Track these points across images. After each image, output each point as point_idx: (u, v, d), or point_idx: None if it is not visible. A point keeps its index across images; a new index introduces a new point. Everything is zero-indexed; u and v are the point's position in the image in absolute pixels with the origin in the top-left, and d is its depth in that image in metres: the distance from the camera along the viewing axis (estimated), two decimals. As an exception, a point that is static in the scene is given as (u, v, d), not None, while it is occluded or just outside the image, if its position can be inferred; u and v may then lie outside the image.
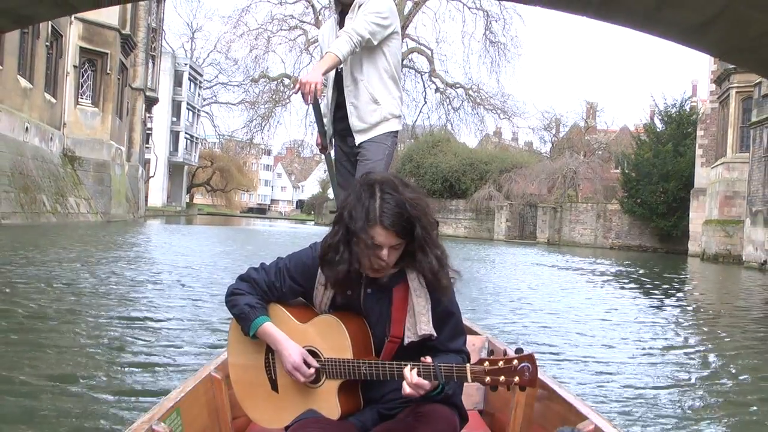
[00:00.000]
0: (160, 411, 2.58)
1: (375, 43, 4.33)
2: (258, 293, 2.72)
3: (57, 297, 9.58)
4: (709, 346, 8.80)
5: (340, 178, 4.70)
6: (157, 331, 7.60)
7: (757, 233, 28.08)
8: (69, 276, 11.94)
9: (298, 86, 4.08)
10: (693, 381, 6.79)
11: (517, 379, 2.33)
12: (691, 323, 11.21)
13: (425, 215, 2.52)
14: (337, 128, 4.61)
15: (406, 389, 2.43)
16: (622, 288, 16.98)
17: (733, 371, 7.30)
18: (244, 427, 3.23)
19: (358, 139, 4.48)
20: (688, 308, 13.43)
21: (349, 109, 4.45)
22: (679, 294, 16.13)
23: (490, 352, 3.79)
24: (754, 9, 7.81)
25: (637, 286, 17.77)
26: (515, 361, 2.34)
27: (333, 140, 4.69)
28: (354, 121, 4.46)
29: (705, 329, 10.45)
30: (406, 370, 2.45)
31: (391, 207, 2.47)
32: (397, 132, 4.60)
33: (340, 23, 4.49)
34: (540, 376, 2.89)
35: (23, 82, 29.35)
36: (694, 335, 9.75)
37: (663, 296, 14.88)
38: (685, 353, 8.20)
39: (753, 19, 8.11)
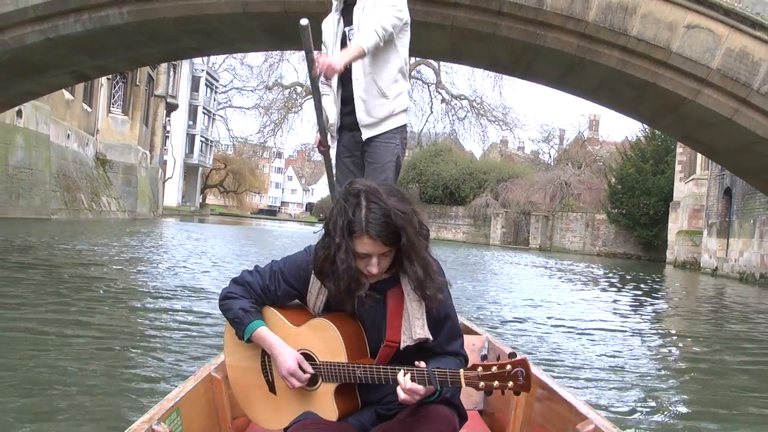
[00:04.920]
0: (160, 411, 2.58)
1: (394, 37, 4.33)
2: (252, 297, 2.70)
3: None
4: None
5: (338, 173, 4.65)
6: (157, 331, 7.68)
7: (711, 243, 31.52)
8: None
9: (320, 66, 4.06)
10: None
11: (510, 384, 2.32)
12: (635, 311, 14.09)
13: (411, 224, 2.49)
14: (344, 123, 4.52)
15: (401, 395, 2.42)
16: (574, 283, 20.44)
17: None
18: (244, 427, 3.24)
19: (366, 133, 4.43)
20: (625, 301, 16.86)
21: (357, 102, 4.39)
22: (629, 292, 19.61)
23: (485, 357, 3.80)
24: (621, 84, 11.39)
25: (594, 284, 21.25)
26: (508, 366, 2.33)
27: (336, 136, 4.65)
28: (362, 116, 4.39)
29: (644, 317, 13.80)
30: (400, 376, 2.44)
31: (377, 216, 2.44)
32: (404, 129, 4.57)
33: (343, 17, 4.48)
34: (540, 376, 3.06)
35: (66, 95, 33.26)
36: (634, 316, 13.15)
37: (615, 291, 18.49)
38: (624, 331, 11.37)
39: (623, 89, 11.68)
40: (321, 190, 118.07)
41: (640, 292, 18.39)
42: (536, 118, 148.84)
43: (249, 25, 11.70)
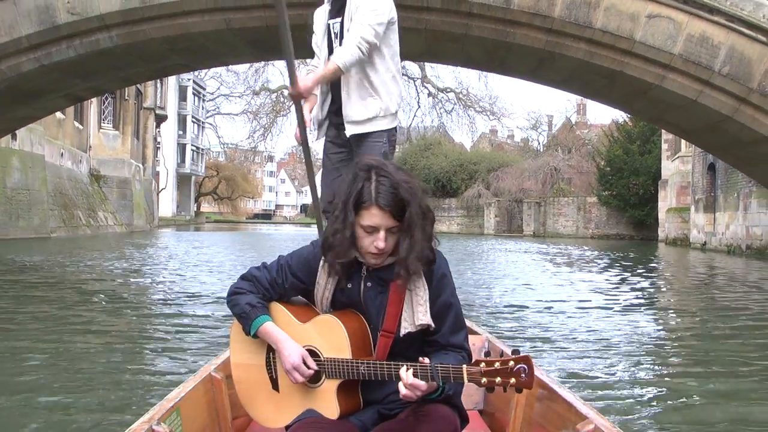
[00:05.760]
0: (160, 411, 2.59)
1: (379, 41, 4.34)
2: (260, 292, 2.72)
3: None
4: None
5: (324, 170, 4.69)
6: (157, 333, 7.77)
7: (699, 218, 32.18)
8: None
9: (291, 91, 4.21)
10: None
11: (513, 380, 2.31)
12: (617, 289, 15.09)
13: (414, 199, 2.52)
14: (332, 120, 4.53)
15: (403, 390, 2.42)
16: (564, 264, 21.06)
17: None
18: (244, 427, 3.25)
19: (350, 130, 4.42)
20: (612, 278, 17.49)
21: (344, 99, 4.39)
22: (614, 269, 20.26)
23: (488, 354, 3.62)
24: (590, 74, 11.95)
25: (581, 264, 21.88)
26: (511, 363, 2.32)
27: (314, 129, 4.65)
28: (348, 112, 4.39)
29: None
30: (402, 371, 2.43)
31: (387, 188, 2.48)
32: (392, 130, 4.54)
33: (332, 6, 4.50)
34: (540, 375, 3.02)
35: (58, 114, 33.71)
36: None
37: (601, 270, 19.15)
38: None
39: (593, 79, 12.26)
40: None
41: (629, 272, 18.95)
42: (523, 106, 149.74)
43: (233, 41, 12.26)
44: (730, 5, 10.91)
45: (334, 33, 4.45)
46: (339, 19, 4.45)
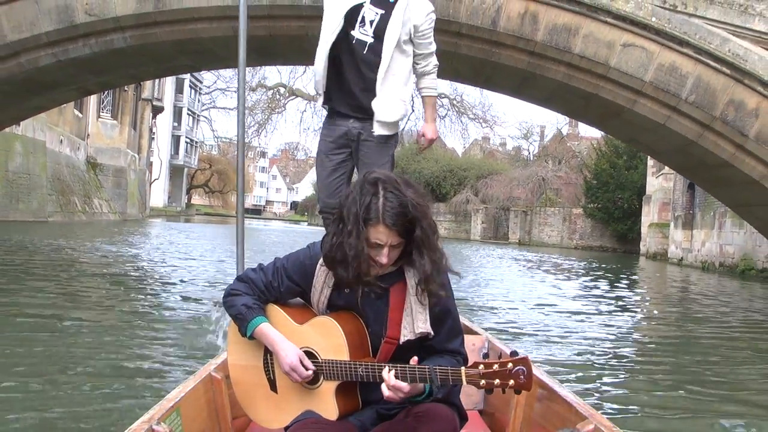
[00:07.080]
0: (160, 411, 2.59)
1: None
2: (255, 294, 2.70)
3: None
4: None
5: (321, 170, 4.67)
6: (158, 330, 7.72)
7: (677, 234, 33.11)
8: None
9: (425, 142, 4.65)
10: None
11: (512, 382, 2.32)
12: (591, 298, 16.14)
13: (425, 217, 2.51)
14: (340, 110, 4.51)
15: (386, 391, 2.42)
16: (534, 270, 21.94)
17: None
18: (244, 427, 3.24)
19: (379, 130, 4.48)
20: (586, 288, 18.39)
21: (379, 97, 4.43)
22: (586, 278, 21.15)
23: (486, 355, 3.78)
24: (569, 94, 12.86)
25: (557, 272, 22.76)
26: (510, 364, 2.33)
27: (320, 94, 4.65)
28: (381, 112, 4.44)
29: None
30: (384, 372, 2.44)
31: (394, 206, 2.45)
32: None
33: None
34: (540, 376, 3.11)
35: (60, 102, 34.61)
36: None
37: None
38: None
39: (571, 99, 13.16)
40: (305, 189, 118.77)
41: (606, 282, 19.90)
42: (516, 116, 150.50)
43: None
44: (699, 39, 11.78)
45: (366, 19, 4.43)
46: (380, 11, 4.44)
